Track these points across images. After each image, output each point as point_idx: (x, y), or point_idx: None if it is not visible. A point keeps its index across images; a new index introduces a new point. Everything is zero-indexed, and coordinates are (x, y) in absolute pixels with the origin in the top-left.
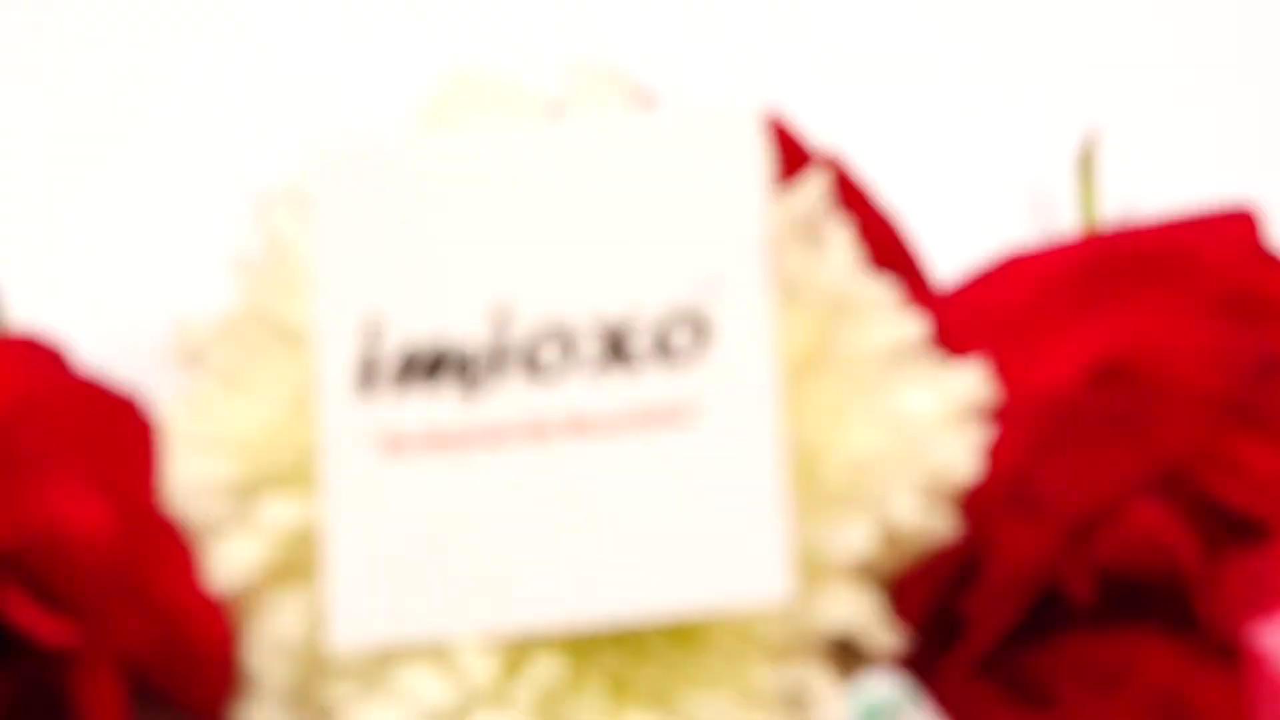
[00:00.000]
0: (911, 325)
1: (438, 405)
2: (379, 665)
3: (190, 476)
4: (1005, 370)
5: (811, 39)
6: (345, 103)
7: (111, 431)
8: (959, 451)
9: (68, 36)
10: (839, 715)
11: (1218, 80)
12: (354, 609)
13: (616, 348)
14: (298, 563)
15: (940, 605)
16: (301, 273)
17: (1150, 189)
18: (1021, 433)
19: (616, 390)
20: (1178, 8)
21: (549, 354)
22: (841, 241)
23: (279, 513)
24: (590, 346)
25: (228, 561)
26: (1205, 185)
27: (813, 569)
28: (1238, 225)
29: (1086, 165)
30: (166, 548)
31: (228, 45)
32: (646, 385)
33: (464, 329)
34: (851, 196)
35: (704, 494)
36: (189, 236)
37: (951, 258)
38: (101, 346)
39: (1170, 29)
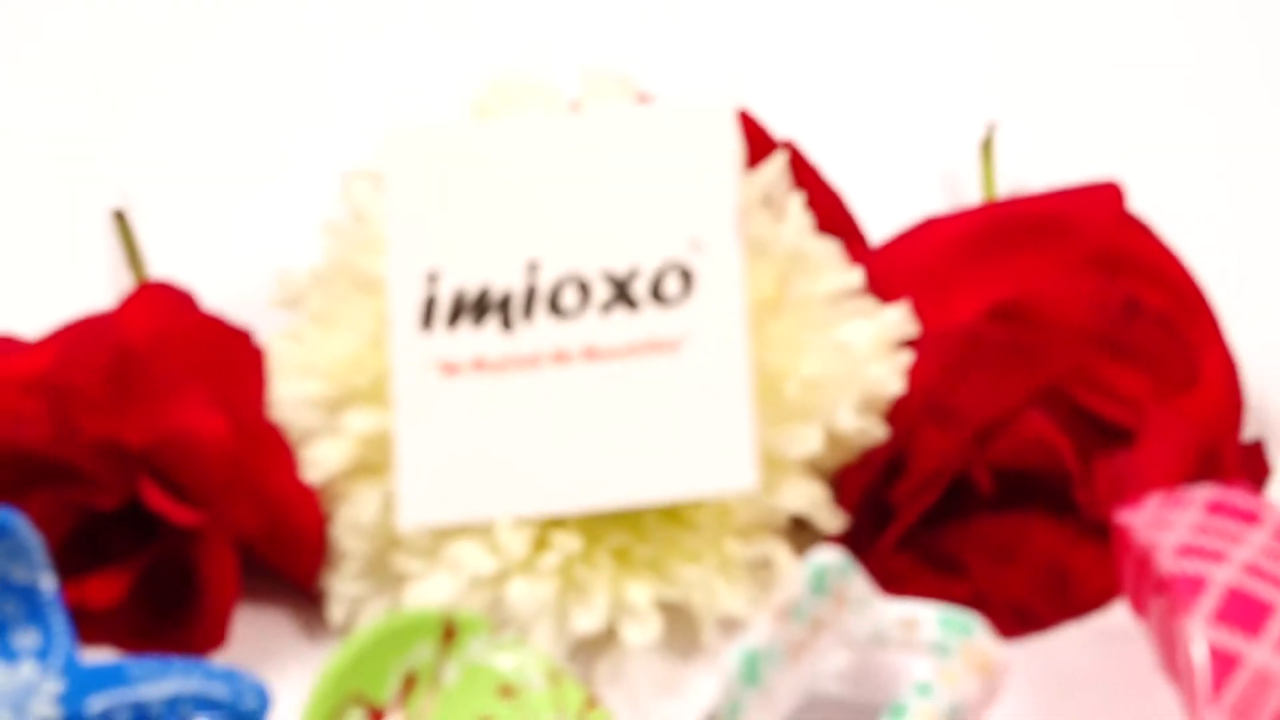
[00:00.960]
0: (851, 275)
1: (483, 338)
2: (437, 541)
3: (290, 394)
4: (923, 310)
5: (774, 54)
6: (411, 100)
7: (228, 358)
8: (888, 373)
9: (184, 54)
10: (794, 578)
11: (1090, 84)
12: (418, 497)
13: (622, 293)
14: (374, 461)
15: (873, 494)
16: (377, 234)
17: (1037, 167)
18: (937, 358)
19: (622, 326)
20: (1057, 29)
21: (569, 298)
22: (796, 210)
23: (359, 422)
24: (601, 292)
25: (319, 460)
26: (1081, 165)
27: (774, 465)
28: (1106, 195)
29: (987, 150)
30: (272, 449)
31: (320, 61)
32: (645, 322)
33: (503, 278)
34: (804, 175)
35: (689, 407)
36: (289, 206)
37: (881, 222)
38: (221, 292)
39: (1051, 46)
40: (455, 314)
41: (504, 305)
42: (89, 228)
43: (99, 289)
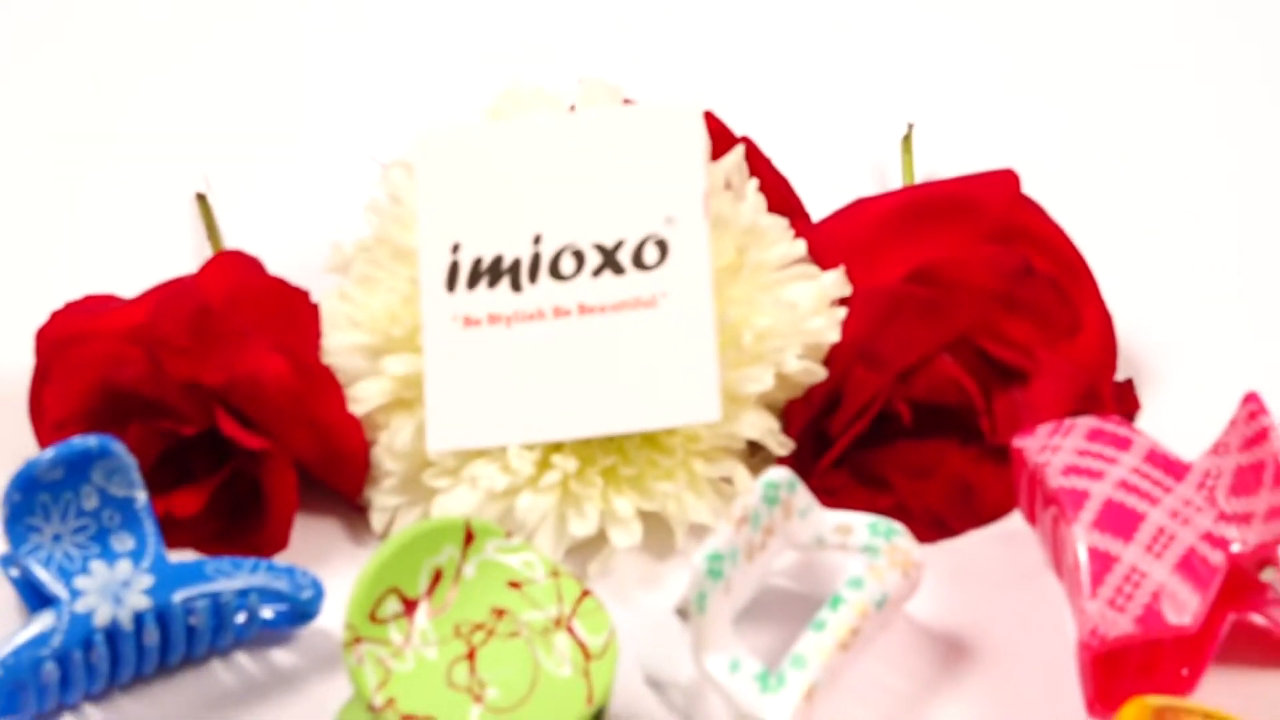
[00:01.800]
0: (796, 246)
1: (496, 297)
2: (459, 462)
3: (340, 343)
4: (855, 274)
5: (735, 67)
6: (438, 105)
7: (289, 313)
8: (826, 325)
9: (253, 74)
10: (750, 493)
11: (988, 92)
12: (443, 426)
13: (609, 260)
14: (408, 397)
15: (814, 424)
16: (410, 213)
17: (947, 158)
18: (866, 313)
19: (610, 287)
20: (962, 50)
21: (566, 264)
22: (752, 192)
23: (396, 366)
24: (593, 259)
25: (363, 397)
26: (983, 156)
27: (733, 400)
28: (1004, 180)
29: (907, 144)
30: (324, 387)
31: (364, 75)
32: (629, 284)
33: (512, 248)
34: (758, 164)
35: (666, 353)
36: (338, 190)
37: (821, 203)
38: (283, 259)
39: (956, 63)
40: (474, 278)
41: (514, 270)
42: (176, 208)
43: (184, 257)
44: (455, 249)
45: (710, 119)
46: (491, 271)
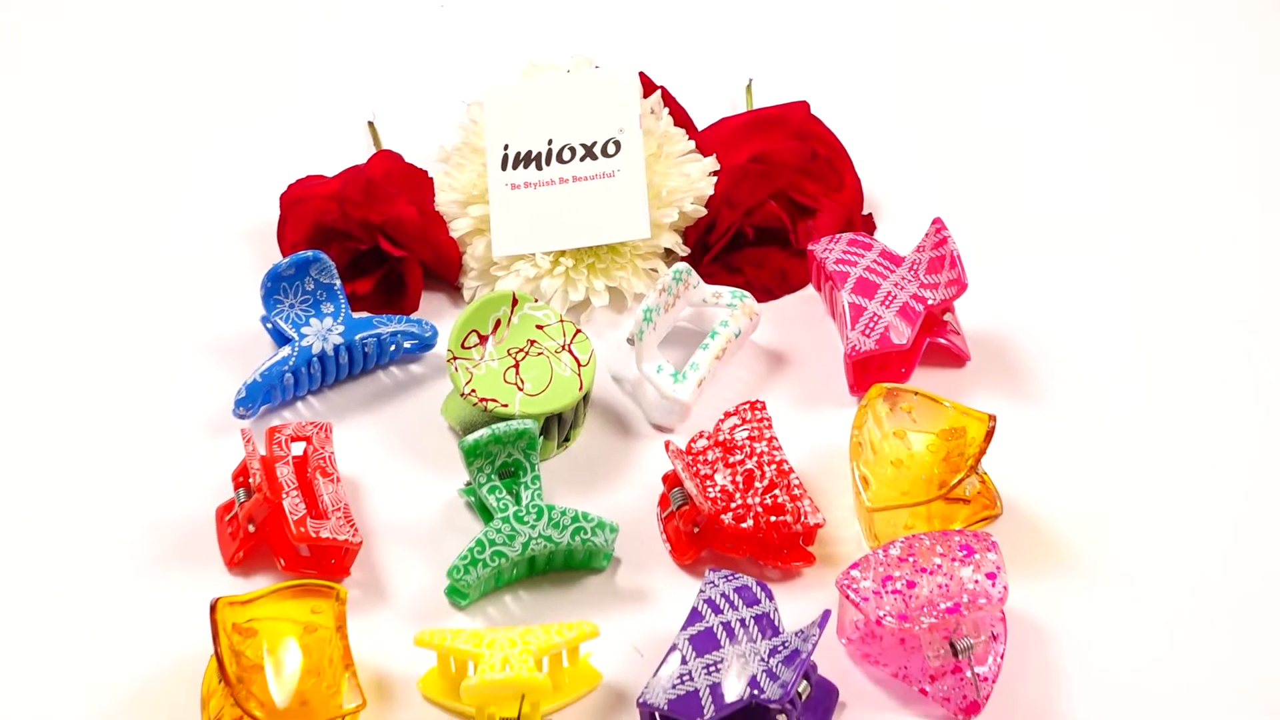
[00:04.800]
0: (689, 144)
1: (528, 173)
2: (510, 261)
3: (445, 199)
4: (722, 158)
5: (657, 48)
6: (496, 70)
7: (417, 183)
8: (707, 185)
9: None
10: (666, 276)
11: (793, 60)
12: (502, 241)
13: (589, 152)
14: (483, 228)
15: (701, 239)
16: (482, 128)
17: (771, 97)
18: (728, 179)
19: (589, 167)
20: (781, 33)
21: (566, 155)
22: (665, 115)
23: (476, 211)
24: (580, 152)
25: (458, 228)
26: (788, 94)
27: (657, 226)
28: (800, 107)
29: (749, 90)
30: (437, 223)
31: (458, 54)
32: (600, 165)
33: (536, 146)
34: (668, 100)
35: (620, 201)
36: (443, 117)
37: (702, 120)
38: (414, 154)
39: (780, 39)
40: (516, 163)
41: (538, 159)
42: (357, 128)
43: (360, 154)
44: (506, 148)
45: (642, 76)
46: (525, 160)
